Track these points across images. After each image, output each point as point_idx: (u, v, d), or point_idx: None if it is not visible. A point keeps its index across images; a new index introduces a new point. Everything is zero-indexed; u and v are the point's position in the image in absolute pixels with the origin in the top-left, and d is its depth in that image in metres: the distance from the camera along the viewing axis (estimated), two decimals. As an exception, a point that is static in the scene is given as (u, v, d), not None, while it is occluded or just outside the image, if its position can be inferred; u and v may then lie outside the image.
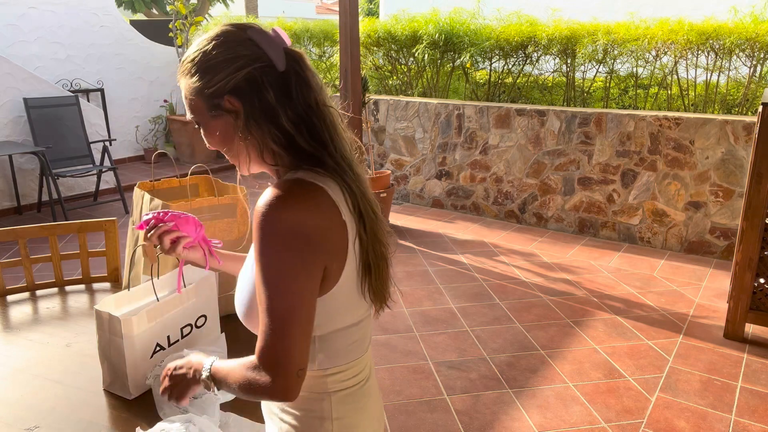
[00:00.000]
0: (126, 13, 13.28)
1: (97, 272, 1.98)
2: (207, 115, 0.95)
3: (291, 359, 0.86)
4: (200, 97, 0.94)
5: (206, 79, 0.93)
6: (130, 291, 1.31)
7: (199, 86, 0.94)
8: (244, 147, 0.95)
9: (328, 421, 0.97)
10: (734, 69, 4.54)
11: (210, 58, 0.92)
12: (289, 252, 0.86)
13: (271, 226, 0.86)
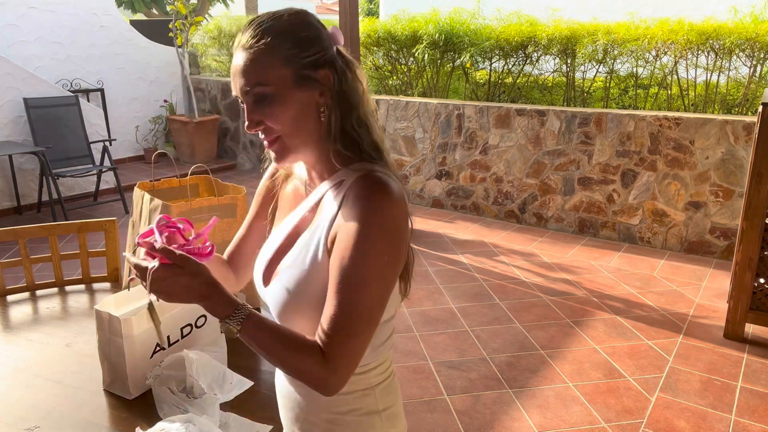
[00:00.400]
0: (126, 13, 13.28)
1: (97, 272, 1.98)
2: (291, 85, 0.90)
3: (358, 358, 0.87)
4: (290, 65, 0.90)
5: (301, 48, 0.90)
6: (130, 291, 1.31)
7: (292, 53, 0.90)
8: (314, 129, 0.92)
9: (376, 415, 0.99)
10: (734, 69, 4.54)
11: (302, 29, 0.91)
12: (392, 249, 0.87)
13: (381, 222, 0.85)
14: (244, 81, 0.90)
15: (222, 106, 7.02)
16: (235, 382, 1.26)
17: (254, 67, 0.89)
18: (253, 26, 0.90)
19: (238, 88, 0.92)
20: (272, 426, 1.15)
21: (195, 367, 1.19)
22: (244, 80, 0.90)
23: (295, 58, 0.89)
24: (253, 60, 0.89)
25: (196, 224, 1.11)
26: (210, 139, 6.91)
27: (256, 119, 0.91)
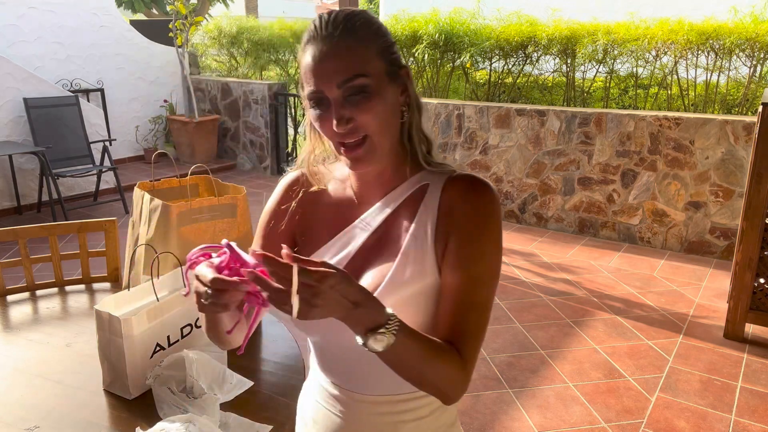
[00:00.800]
0: (126, 13, 13.29)
1: (97, 272, 1.98)
2: (385, 79, 0.85)
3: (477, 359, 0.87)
4: (383, 58, 0.85)
5: (390, 42, 0.87)
6: (130, 291, 1.31)
7: (384, 47, 0.86)
8: (397, 130, 0.88)
9: (455, 427, 1.03)
10: (734, 69, 4.54)
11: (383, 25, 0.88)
12: (501, 246, 0.88)
13: (496, 221, 0.87)
14: (340, 71, 0.82)
15: (222, 106, 7.02)
16: (235, 382, 1.26)
17: (352, 56, 0.82)
18: (340, 16, 0.85)
19: (326, 80, 0.83)
20: (272, 426, 1.15)
21: (195, 367, 1.19)
22: (339, 70, 0.82)
23: (386, 52, 0.86)
24: (349, 49, 0.82)
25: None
26: (210, 139, 6.91)
27: (348, 115, 0.83)
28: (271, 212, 1.02)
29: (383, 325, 0.75)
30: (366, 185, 0.95)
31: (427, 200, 0.90)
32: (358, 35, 0.83)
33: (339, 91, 0.82)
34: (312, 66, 0.83)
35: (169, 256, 1.47)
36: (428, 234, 0.88)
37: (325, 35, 0.84)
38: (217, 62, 7.80)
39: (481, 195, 0.87)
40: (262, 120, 6.60)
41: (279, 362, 1.39)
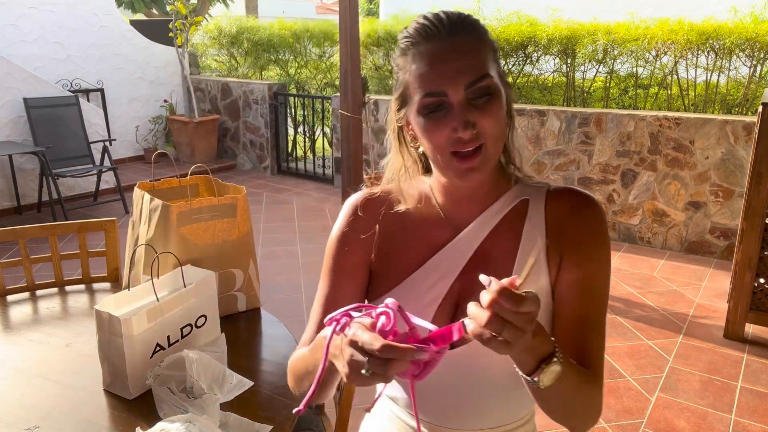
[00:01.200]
0: (126, 13, 13.29)
1: (97, 272, 1.98)
2: (502, 84, 0.80)
3: None
4: (498, 62, 0.81)
5: (497, 47, 0.82)
6: (130, 291, 1.31)
7: (495, 48, 0.81)
8: (504, 136, 0.82)
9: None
10: (734, 69, 4.54)
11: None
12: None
13: (608, 234, 0.85)
14: (468, 71, 0.75)
15: (222, 106, 7.02)
16: (236, 382, 1.26)
17: (478, 55, 0.77)
18: (455, 15, 0.79)
19: (451, 81, 0.76)
20: (272, 426, 1.15)
21: (195, 367, 1.19)
22: (467, 70, 0.75)
23: (496, 54, 0.81)
24: (474, 47, 0.77)
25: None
26: (210, 139, 6.91)
27: (473, 119, 0.76)
28: (343, 238, 0.93)
29: (554, 354, 0.69)
30: (456, 202, 0.88)
31: (531, 216, 0.86)
32: (477, 34, 0.78)
33: (465, 93, 0.76)
34: (431, 67, 0.76)
35: (169, 256, 1.47)
36: (538, 250, 0.84)
37: (445, 33, 0.77)
38: (217, 62, 7.80)
39: (592, 209, 0.84)
40: (262, 120, 6.60)
41: (279, 362, 1.39)
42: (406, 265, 0.89)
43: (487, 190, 0.87)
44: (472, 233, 0.87)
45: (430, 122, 0.78)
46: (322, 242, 4.47)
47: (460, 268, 0.86)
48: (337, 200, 5.46)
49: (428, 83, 0.77)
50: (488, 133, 0.77)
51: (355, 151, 4.40)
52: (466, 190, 0.87)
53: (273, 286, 3.67)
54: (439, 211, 0.90)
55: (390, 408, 0.99)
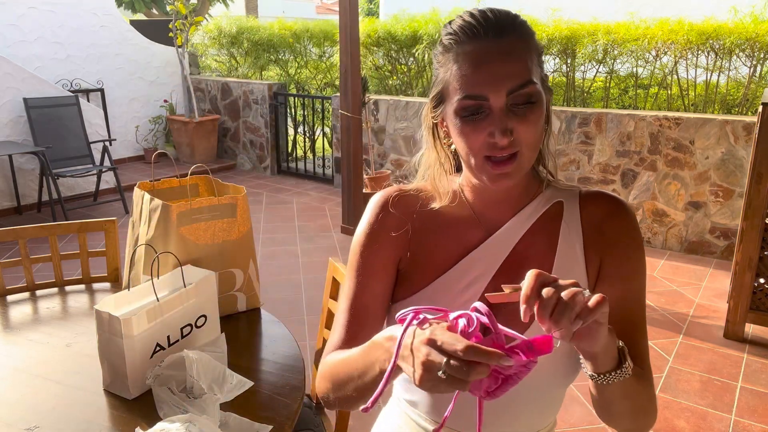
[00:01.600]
0: (126, 13, 13.29)
1: (97, 272, 1.98)
2: (543, 89, 0.77)
3: None
4: (540, 63, 0.78)
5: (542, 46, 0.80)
6: (130, 291, 1.31)
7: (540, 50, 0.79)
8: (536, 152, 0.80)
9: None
10: (734, 69, 4.54)
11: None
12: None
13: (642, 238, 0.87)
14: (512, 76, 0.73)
15: (222, 106, 7.02)
16: (236, 382, 1.26)
17: (523, 59, 0.74)
18: (502, 14, 0.76)
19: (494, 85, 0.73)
20: (272, 426, 1.15)
21: (195, 367, 1.19)
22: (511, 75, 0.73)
23: (540, 57, 0.78)
24: (519, 51, 0.74)
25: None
26: (210, 139, 6.91)
27: (511, 126, 0.74)
28: (372, 234, 0.89)
29: (625, 351, 0.72)
30: (488, 202, 0.87)
31: (567, 218, 0.85)
32: (524, 36, 0.75)
33: (506, 99, 0.73)
34: (474, 68, 0.74)
35: (169, 256, 1.47)
36: (577, 254, 0.84)
37: (492, 34, 0.74)
38: (217, 62, 7.80)
39: (627, 213, 0.85)
40: (262, 120, 6.61)
41: (279, 362, 1.39)
42: (438, 265, 0.87)
43: (520, 192, 0.86)
44: (507, 234, 0.85)
45: (467, 125, 0.76)
46: (321, 242, 4.47)
47: (495, 270, 0.85)
48: (337, 200, 5.46)
49: (470, 86, 0.75)
50: (525, 140, 0.75)
51: (355, 151, 4.40)
52: (499, 191, 0.85)
53: (273, 286, 3.67)
54: (470, 211, 0.88)
55: (406, 411, 0.97)
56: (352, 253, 0.92)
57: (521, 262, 0.84)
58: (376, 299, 0.89)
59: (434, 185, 0.89)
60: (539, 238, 0.86)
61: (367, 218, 0.91)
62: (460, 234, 0.88)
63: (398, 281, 0.92)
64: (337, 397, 0.85)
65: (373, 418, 1.12)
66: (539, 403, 0.89)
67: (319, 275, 3.80)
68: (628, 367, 0.71)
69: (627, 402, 0.75)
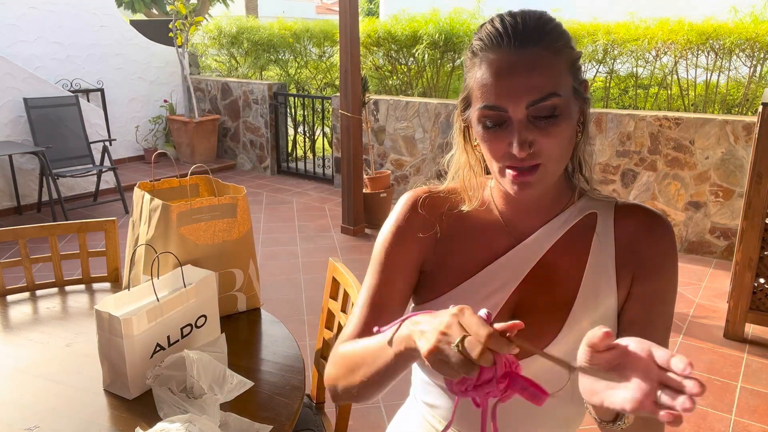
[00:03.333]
0: (126, 13, 13.29)
1: (97, 272, 1.98)
2: (572, 99, 0.74)
3: None
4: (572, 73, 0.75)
5: (579, 53, 0.77)
6: (130, 291, 1.31)
7: (574, 59, 0.75)
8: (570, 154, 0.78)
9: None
10: (734, 69, 4.54)
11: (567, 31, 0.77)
12: None
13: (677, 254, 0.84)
14: (532, 89, 0.71)
15: (222, 106, 7.02)
16: (236, 382, 1.26)
17: (546, 71, 0.72)
18: (531, 21, 0.73)
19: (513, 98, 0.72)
20: (272, 426, 1.15)
21: (195, 368, 1.19)
22: (531, 88, 0.71)
23: (575, 65, 0.76)
24: (543, 62, 0.72)
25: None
26: (210, 139, 6.91)
27: (531, 138, 0.72)
28: (399, 233, 0.88)
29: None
30: (518, 209, 0.86)
31: (600, 231, 0.83)
32: (552, 45, 0.73)
33: (526, 111, 0.72)
34: (495, 79, 0.73)
35: (169, 256, 1.47)
36: (609, 268, 0.81)
37: (515, 43, 0.72)
38: (217, 62, 7.80)
39: (665, 228, 0.81)
40: (262, 120, 6.61)
41: (279, 362, 1.39)
42: (463, 269, 0.86)
43: (551, 201, 0.84)
44: (536, 243, 0.84)
45: (487, 133, 0.76)
46: (321, 242, 4.47)
47: (521, 278, 0.83)
48: (337, 200, 5.46)
49: (489, 96, 0.73)
50: (547, 153, 0.74)
51: (355, 151, 4.40)
52: (529, 199, 0.83)
53: (273, 286, 3.67)
54: (499, 217, 0.87)
55: (424, 414, 0.95)
56: (377, 248, 0.90)
57: (549, 274, 0.83)
58: (396, 296, 0.88)
59: (463, 187, 0.88)
60: (569, 250, 0.83)
61: (395, 216, 0.90)
62: (487, 240, 0.86)
63: (422, 283, 0.91)
64: (345, 387, 0.83)
65: (374, 419, 1.12)
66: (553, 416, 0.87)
67: (319, 275, 3.80)
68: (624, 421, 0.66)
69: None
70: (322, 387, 1.73)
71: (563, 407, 0.86)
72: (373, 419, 2.35)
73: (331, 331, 1.65)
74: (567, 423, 0.90)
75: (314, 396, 1.72)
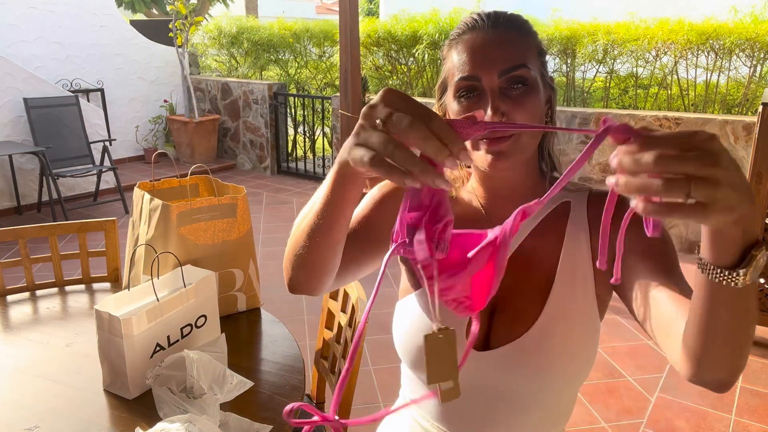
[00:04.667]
0: (126, 13, 13.29)
1: (97, 272, 1.98)
2: (540, 80, 0.80)
3: None
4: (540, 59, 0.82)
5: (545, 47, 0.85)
6: (130, 291, 1.31)
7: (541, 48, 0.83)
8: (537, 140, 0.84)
9: None
10: (734, 69, 4.54)
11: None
12: None
13: None
14: (504, 59, 0.76)
15: (222, 106, 7.02)
16: (236, 382, 1.26)
17: (517, 46, 0.78)
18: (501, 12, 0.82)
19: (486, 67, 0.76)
20: (272, 426, 1.15)
21: (195, 368, 1.19)
22: (503, 59, 0.76)
23: (542, 53, 0.84)
24: (514, 39, 0.79)
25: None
26: (210, 139, 6.91)
27: (504, 108, 0.76)
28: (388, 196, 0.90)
29: (756, 257, 0.49)
30: (498, 201, 0.89)
31: (574, 218, 0.87)
32: (522, 29, 0.81)
33: (498, 80, 0.76)
34: (470, 53, 0.78)
35: (169, 256, 1.47)
36: (584, 251, 0.84)
37: (489, 25, 0.79)
38: (217, 62, 7.80)
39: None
40: (262, 120, 6.61)
41: (279, 362, 1.39)
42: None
43: (526, 191, 0.87)
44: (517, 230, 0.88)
45: (461, 106, 0.79)
46: (322, 242, 4.47)
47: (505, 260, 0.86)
48: (337, 200, 5.46)
49: (464, 68, 0.78)
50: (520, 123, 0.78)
51: (355, 151, 4.40)
52: (506, 188, 0.87)
53: (273, 286, 3.67)
54: (480, 209, 0.90)
55: (413, 415, 0.96)
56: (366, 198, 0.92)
57: (527, 261, 0.85)
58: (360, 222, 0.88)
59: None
60: (544, 238, 0.86)
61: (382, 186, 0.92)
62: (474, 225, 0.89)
63: (405, 274, 0.94)
64: (295, 253, 0.75)
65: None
66: (538, 417, 0.87)
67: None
68: (747, 273, 0.50)
69: (734, 323, 0.56)
70: (322, 387, 1.73)
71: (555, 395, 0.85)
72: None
73: (331, 331, 1.65)
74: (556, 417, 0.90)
75: (314, 396, 1.72)
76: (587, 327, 0.83)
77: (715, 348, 0.59)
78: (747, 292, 0.52)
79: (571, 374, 0.83)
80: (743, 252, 0.49)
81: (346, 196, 0.63)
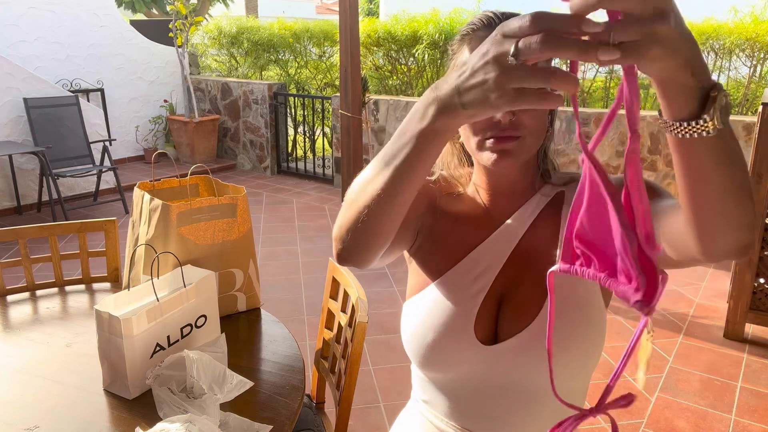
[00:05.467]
0: (126, 13, 13.30)
1: (97, 272, 1.98)
2: None
3: None
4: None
5: None
6: (130, 291, 1.31)
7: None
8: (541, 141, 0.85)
9: None
10: (734, 69, 4.55)
11: None
12: None
13: None
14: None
15: (222, 106, 7.02)
16: (236, 382, 1.26)
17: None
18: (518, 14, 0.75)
19: None
20: (272, 426, 1.15)
21: (195, 368, 1.19)
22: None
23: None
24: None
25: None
26: (210, 139, 6.91)
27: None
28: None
29: (715, 99, 0.48)
30: (497, 197, 0.92)
31: (568, 201, 0.89)
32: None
33: None
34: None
35: (169, 256, 1.47)
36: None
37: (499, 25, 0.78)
38: (217, 62, 7.80)
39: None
40: (262, 120, 6.61)
41: (279, 362, 1.40)
42: (453, 251, 0.91)
43: (524, 188, 0.91)
44: (511, 228, 0.89)
45: None
46: (321, 242, 4.47)
47: (502, 263, 0.88)
48: (337, 200, 5.46)
49: None
50: (527, 125, 0.79)
51: (355, 151, 4.41)
52: (505, 185, 0.90)
53: (273, 286, 3.67)
54: (482, 205, 0.93)
55: (423, 413, 0.96)
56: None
57: (527, 255, 0.88)
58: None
59: (450, 175, 0.95)
60: (542, 229, 0.89)
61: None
62: (475, 226, 0.92)
63: (413, 272, 0.95)
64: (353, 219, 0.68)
65: (374, 419, 1.12)
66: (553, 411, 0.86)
67: (319, 275, 3.80)
68: (713, 116, 0.48)
69: (723, 172, 0.54)
70: (322, 387, 1.73)
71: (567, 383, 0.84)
72: (373, 419, 2.35)
73: (331, 331, 1.65)
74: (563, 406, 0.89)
75: (314, 396, 1.72)
76: (592, 309, 0.84)
77: (715, 205, 0.57)
78: (722, 138, 0.50)
79: (581, 360, 0.83)
80: (701, 99, 0.48)
81: (432, 153, 0.59)
